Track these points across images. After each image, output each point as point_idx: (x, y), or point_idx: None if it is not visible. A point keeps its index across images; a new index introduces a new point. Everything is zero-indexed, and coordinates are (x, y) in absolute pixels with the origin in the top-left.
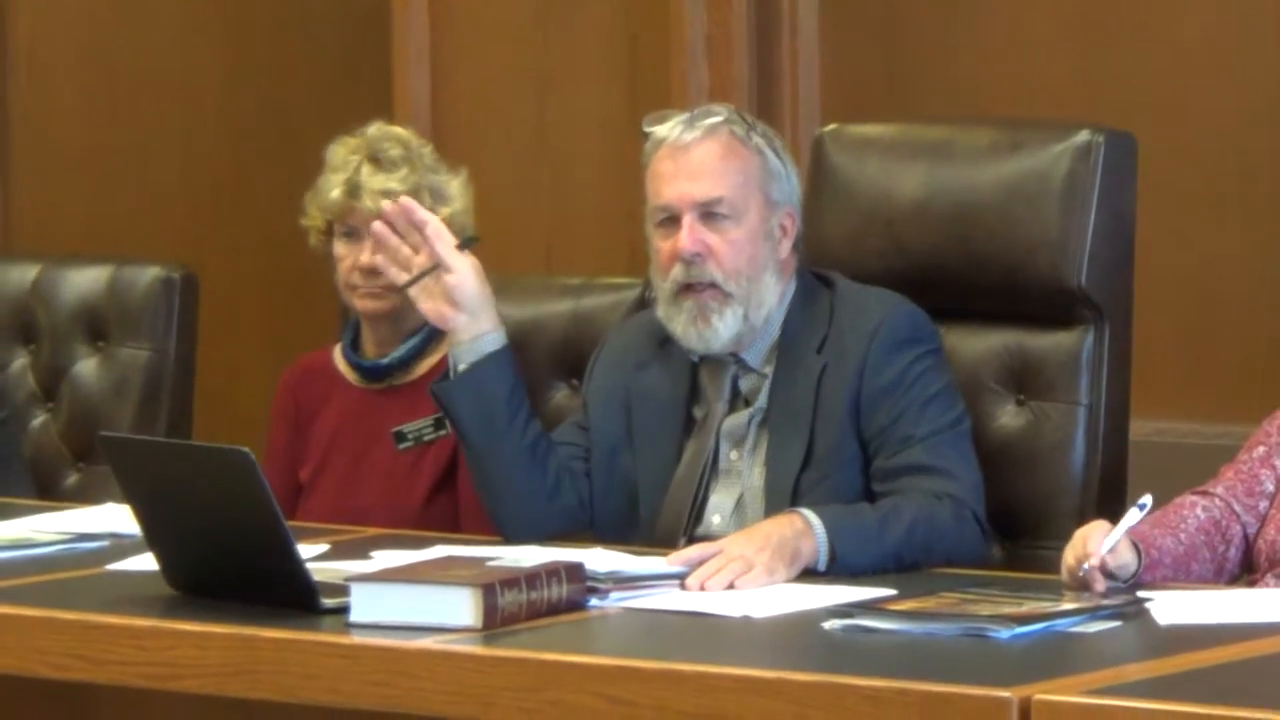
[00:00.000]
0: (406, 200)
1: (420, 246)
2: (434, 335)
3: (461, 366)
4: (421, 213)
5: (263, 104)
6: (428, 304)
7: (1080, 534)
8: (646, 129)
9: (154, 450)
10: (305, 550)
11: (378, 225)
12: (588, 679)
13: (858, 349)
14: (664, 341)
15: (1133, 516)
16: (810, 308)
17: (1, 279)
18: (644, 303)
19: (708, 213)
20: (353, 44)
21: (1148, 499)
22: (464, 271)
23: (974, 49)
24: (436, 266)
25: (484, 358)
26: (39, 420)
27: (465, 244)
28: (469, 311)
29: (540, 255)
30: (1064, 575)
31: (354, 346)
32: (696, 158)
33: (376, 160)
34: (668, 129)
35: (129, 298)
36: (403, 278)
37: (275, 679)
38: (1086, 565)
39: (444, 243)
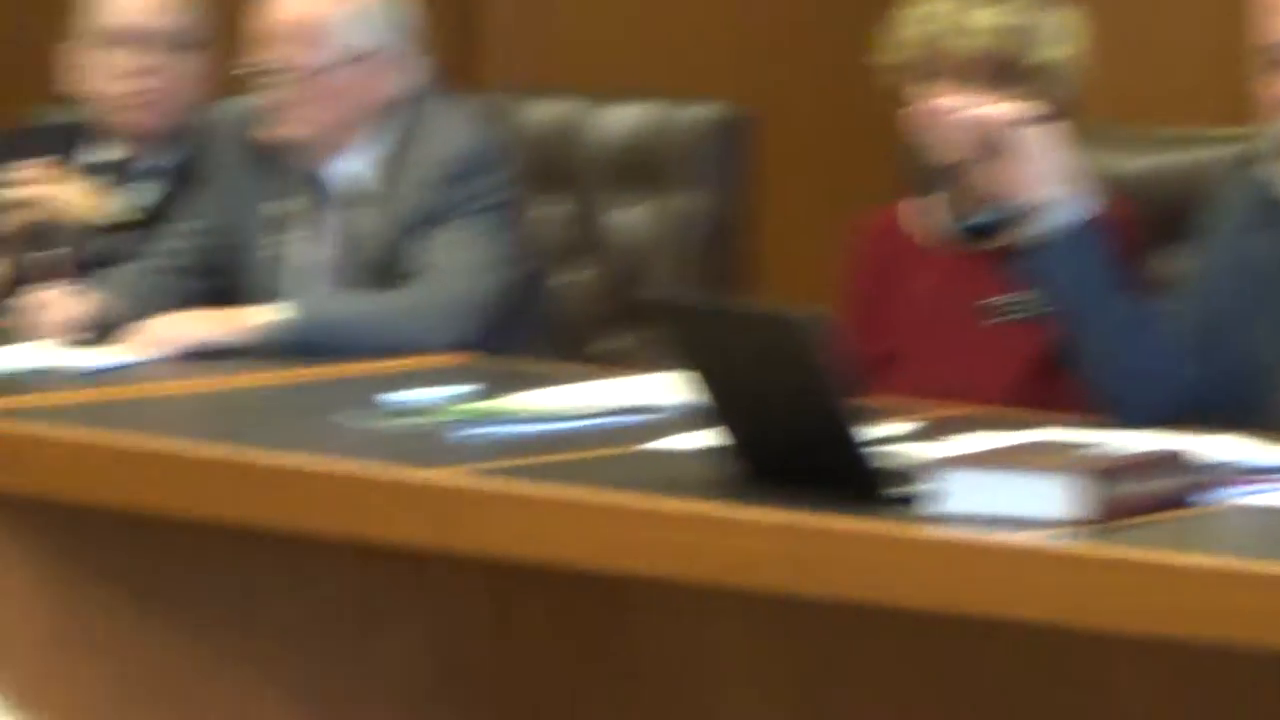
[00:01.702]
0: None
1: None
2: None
3: (1054, 230)
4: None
5: None
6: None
7: None
8: None
9: (709, 312)
10: (882, 430)
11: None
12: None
13: None
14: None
15: None
16: None
17: (532, 116)
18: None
19: None
20: None
21: None
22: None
23: None
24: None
25: (1080, 221)
26: (574, 276)
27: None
28: (1047, 183)
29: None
30: None
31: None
32: None
33: None
34: None
35: (677, 141)
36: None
37: (826, 571)
38: None
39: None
